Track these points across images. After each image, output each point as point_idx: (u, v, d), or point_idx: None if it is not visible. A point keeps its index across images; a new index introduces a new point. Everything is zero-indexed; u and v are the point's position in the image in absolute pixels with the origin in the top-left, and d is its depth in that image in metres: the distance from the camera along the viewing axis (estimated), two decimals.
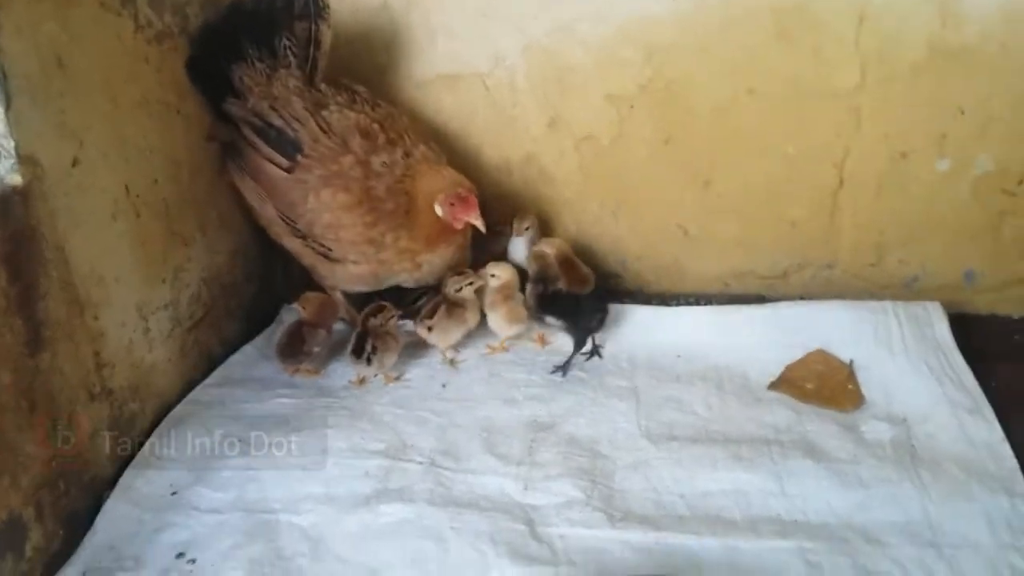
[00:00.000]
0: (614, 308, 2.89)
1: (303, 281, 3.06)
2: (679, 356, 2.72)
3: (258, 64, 2.72)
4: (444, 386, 2.67)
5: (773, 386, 2.51)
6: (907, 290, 3.02)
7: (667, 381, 2.61)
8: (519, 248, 3.06)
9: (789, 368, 2.55)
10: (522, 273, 2.88)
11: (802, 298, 3.06)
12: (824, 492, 2.13)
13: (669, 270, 3.15)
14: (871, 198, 2.93)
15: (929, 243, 2.96)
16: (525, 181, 3.12)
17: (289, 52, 2.70)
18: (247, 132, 2.68)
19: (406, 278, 2.84)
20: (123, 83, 2.33)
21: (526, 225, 3.05)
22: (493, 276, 2.82)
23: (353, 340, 2.68)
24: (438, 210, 2.62)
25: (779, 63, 2.80)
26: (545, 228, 3.20)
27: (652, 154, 2.96)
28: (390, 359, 2.70)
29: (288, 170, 2.63)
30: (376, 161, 2.66)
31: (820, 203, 2.93)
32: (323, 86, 2.73)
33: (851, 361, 2.58)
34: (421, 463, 2.32)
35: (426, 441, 2.42)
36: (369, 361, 2.65)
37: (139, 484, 2.23)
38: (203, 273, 2.74)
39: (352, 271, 2.78)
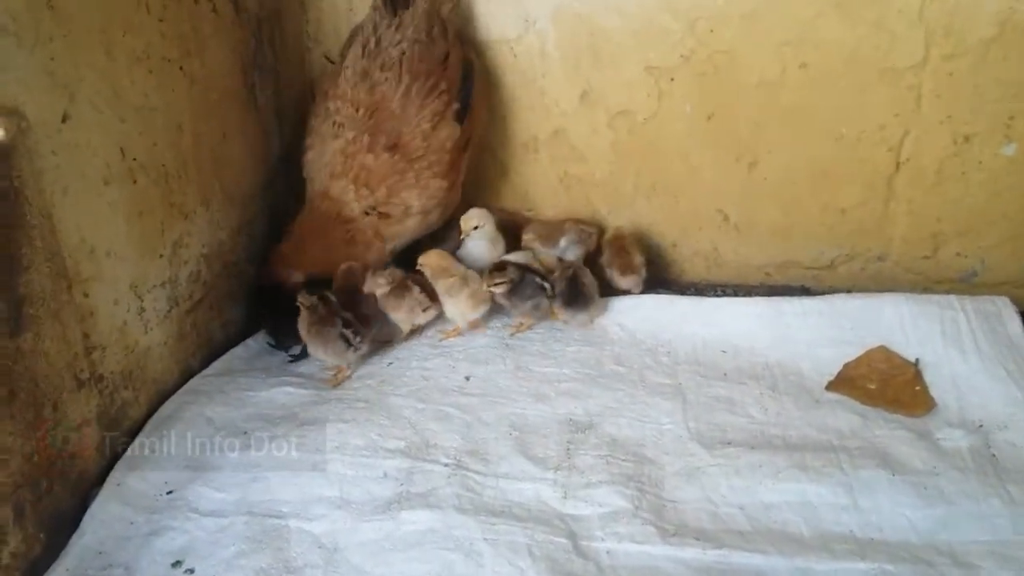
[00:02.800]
0: (650, 297, 2.70)
1: None
2: (724, 352, 2.50)
3: None
4: (467, 379, 2.44)
5: (832, 386, 2.31)
6: (964, 285, 2.82)
7: (714, 379, 2.39)
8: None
9: (848, 367, 2.35)
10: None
11: (849, 291, 2.83)
12: (902, 507, 1.91)
13: (707, 258, 2.98)
14: (929, 185, 2.72)
15: (990, 235, 2.76)
16: (552, 159, 2.94)
17: None
18: None
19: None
20: (120, 33, 2.09)
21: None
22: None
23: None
24: None
25: (835, 35, 2.59)
26: (574, 210, 3.00)
27: (692, 132, 2.78)
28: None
29: None
30: None
31: (874, 189, 2.74)
32: None
33: (917, 360, 2.35)
34: (447, 464, 2.10)
35: (451, 440, 2.19)
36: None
37: (131, 482, 2.02)
38: (204, 249, 2.50)
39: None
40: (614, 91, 2.78)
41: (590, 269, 2.69)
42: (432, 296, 2.57)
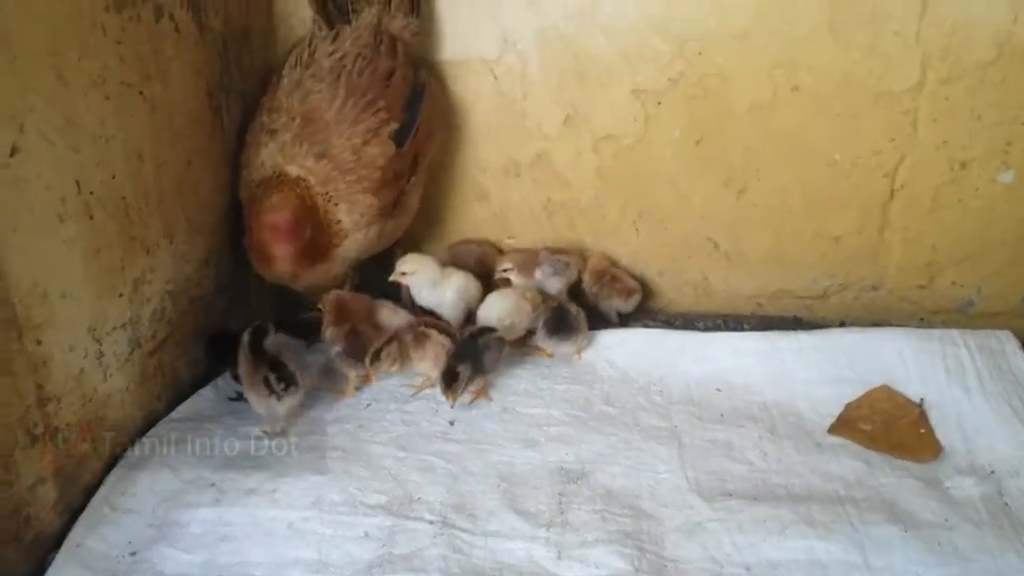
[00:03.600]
0: (638, 331, 2.60)
1: (278, 293, 2.75)
2: (719, 390, 2.39)
3: None
4: (451, 423, 2.30)
5: (834, 429, 2.21)
6: (960, 315, 2.74)
7: (710, 421, 2.27)
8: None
9: (850, 407, 2.25)
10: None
11: (843, 322, 2.79)
12: (915, 565, 1.80)
13: (696, 288, 2.87)
14: (925, 212, 2.64)
15: (987, 263, 2.68)
16: (535, 184, 2.81)
17: None
18: None
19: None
20: (74, 56, 1.92)
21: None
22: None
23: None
24: None
25: (829, 58, 2.50)
26: (559, 238, 2.88)
27: (681, 157, 2.67)
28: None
29: None
30: None
31: (868, 216, 2.66)
32: None
33: (922, 400, 2.25)
34: (432, 522, 1.95)
35: (435, 493, 2.05)
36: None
37: (91, 542, 1.88)
38: (168, 285, 2.34)
39: None
40: (599, 114, 2.67)
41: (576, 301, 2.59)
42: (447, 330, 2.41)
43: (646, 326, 2.67)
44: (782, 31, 2.49)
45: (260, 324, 2.30)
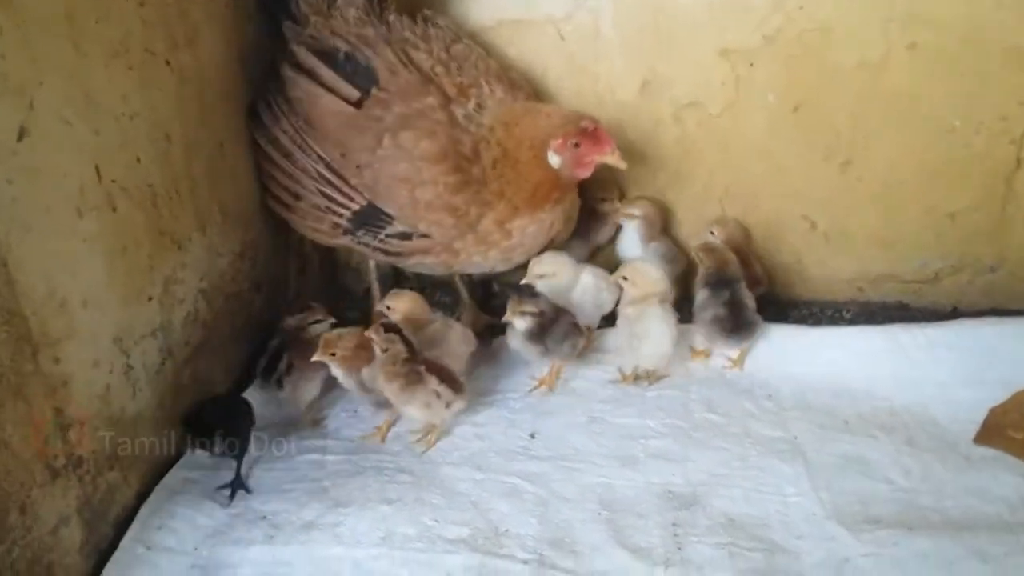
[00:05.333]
0: None
1: (321, 286, 2.57)
2: (838, 395, 2.11)
3: None
4: (532, 436, 2.03)
5: (981, 438, 1.95)
6: None
7: (834, 431, 1.99)
8: (631, 239, 2.45)
9: (995, 413, 1.98)
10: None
11: (955, 308, 2.52)
12: None
13: (788, 272, 2.59)
14: None
15: None
16: None
17: None
18: (303, 55, 2.19)
19: (479, 261, 2.22)
20: (91, 21, 1.66)
21: (635, 211, 2.45)
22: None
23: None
24: (552, 160, 2.09)
25: (951, 10, 2.21)
26: None
27: (776, 125, 2.41)
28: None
29: (358, 104, 2.12)
30: (458, 111, 2.13)
31: (989, 189, 2.38)
32: (392, 17, 2.27)
33: None
34: (526, 561, 1.69)
35: (526, 524, 1.78)
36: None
37: None
38: (202, 283, 2.08)
39: (412, 262, 2.24)
40: (682, 78, 2.41)
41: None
42: (456, 387, 2.03)
43: None
44: None
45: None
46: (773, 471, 1.87)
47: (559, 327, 2.13)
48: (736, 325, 2.18)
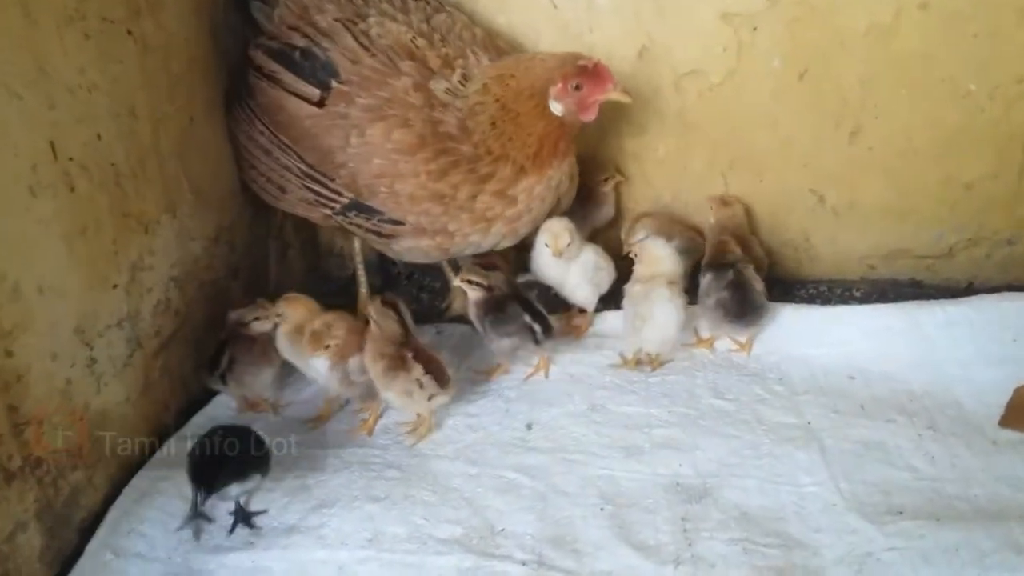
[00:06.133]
0: None
1: (303, 273, 2.47)
2: (852, 377, 2.00)
3: None
4: (529, 427, 1.90)
5: (1007, 421, 1.84)
6: None
7: (850, 415, 1.88)
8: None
9: (1020, 393, 1.88)
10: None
11: (971, 284, 2.42)
12: None
13: (796, 249, 2.49)
14: None
15: None
16: (603, 132, 2.39)
17: None
18: (262, 59, 2.09)
19: (478, 241, 2.08)
20: None
21: (640, 235, 2.28)
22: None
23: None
24: (555, 107, 1.97)
25: None
26: (631, 194, 2.49)
27: (781, 93, 2.30)
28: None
29: (320, 103, 2.01)
30: (438, 87, 1.98)
31: (1007, 158, 2.29)
32: None
33: None
34: (524, 562, 1.57)
35: (523, 522, 1.66)
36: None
37: None
38: (172, 270, 1.95)
39: (407, 245, 2.08)
40: (682, 45, 2.29)
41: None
42: (442, 380, 1.90)
43: None
44: None
45: None
46: (787, 459, 1.76)
47: (504, 317, 2.00)
48: (742, 310, 2.05)
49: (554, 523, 1.64)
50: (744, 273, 2.07)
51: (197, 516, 1.66)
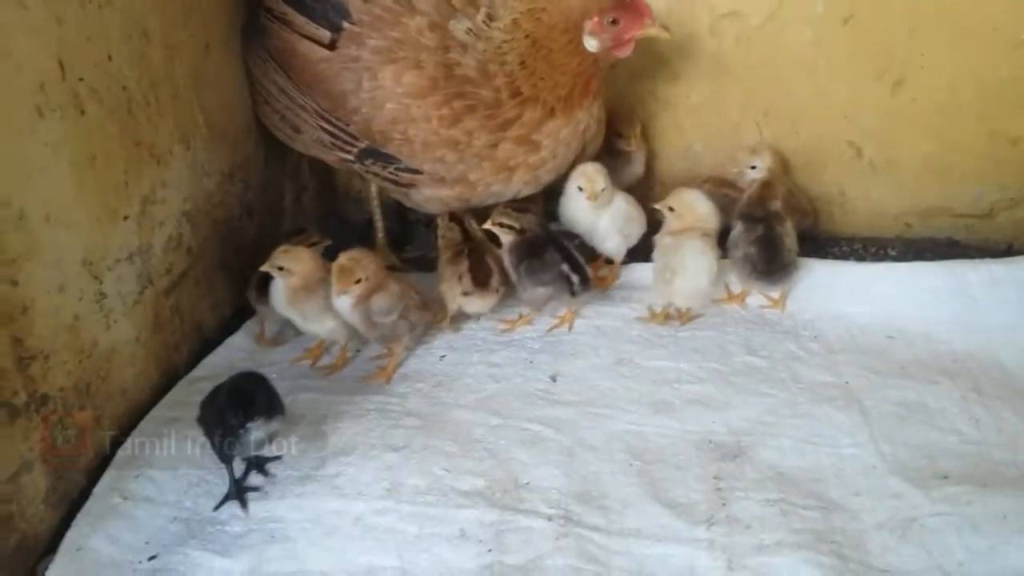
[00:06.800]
0: None
1: (319, 216, 2.39)
2: (891, 337, 1.92)
3: None
4: (554, 379, 1.83)
5: None
6: None
7: (891, 376, 1.80)
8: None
9: None
10: None
11: (1011, 246, 2.32)
12: None
13: (829, 203, 2.40)
14: None
15: None
16: (634, 76, 2.32)
17: None
18: (272, 1, 2.01)
19: (500, 190, 2.00)
20: None
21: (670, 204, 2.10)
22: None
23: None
24: (589, 43, 1.87)
25: None
26: (662, 142, 2.40)
27: (823, 40, 2.21)
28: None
29: (332, 45, 1.93)
30: (459, 27, 1.88)
31: None
32: None
33: None
34: (550, 518, 1.49)
35: (549, 476, 1.58)
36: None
37: (97, 543, 1.46)
38: (185, 204, 1.87)
39: (426, 194, 2.01)
40: None
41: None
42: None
43: None
44: None
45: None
46: (826, 420, 1.68)
47: (541, 264, 1.92)
48: (769, 267, 1.96)
49: (581, 478, 1.56)
50: (776, 229, 1.97)
51: (240, 488, 1.57)
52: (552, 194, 2.12)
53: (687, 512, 1.49)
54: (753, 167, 2.17)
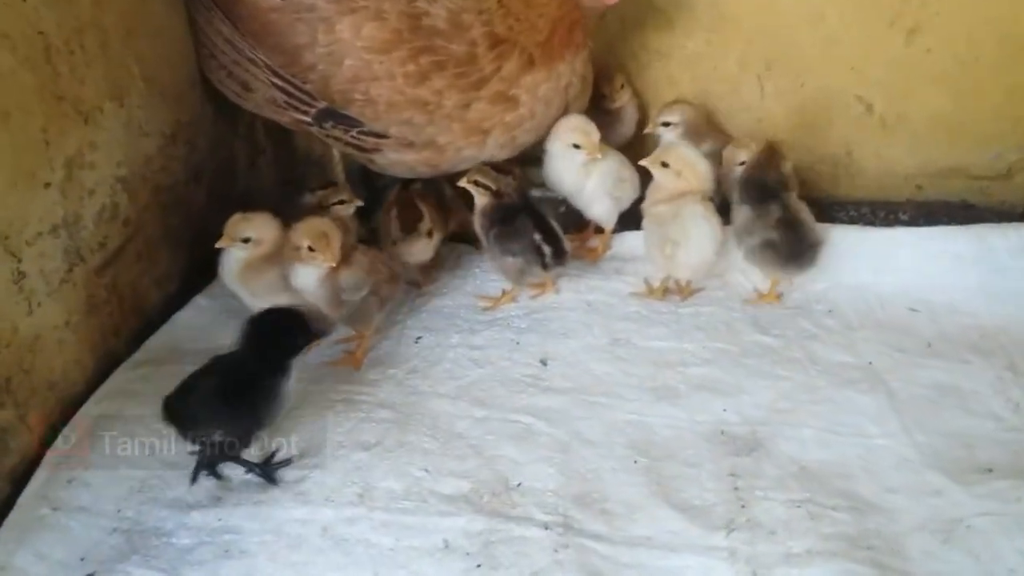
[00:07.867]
0: None
1: (276, 180, 2.17)
2: (914, 310, 1.76)
3: None
4: (544, 362, 1.65)
5: None
6: None
7: (916, 355, 1.65)
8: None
9: None
10: None
11: None
12: None
13: (836, 164, 2.24)
14: None
15: None
16: (624, 24, 2.16)
17: None
18: None
19: (473, 155, 1.82)
20: None
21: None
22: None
23: None
24: None
25: None
26: (655, 95, 2.20)
27: None
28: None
29: None
30: None
31: None
32: None
33: None
34: (547, 525, 1.32)
35: (543, 475, 1.42)
36: None
37: (21, 562, 1.30)
38: (120, 170, 1.65)
39: (391, 158, 1.82)
40: None
41: None
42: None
43: None
44: None
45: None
46: (850, 406, 1.53)
47: (511, 231, 1.75)
48: (796, 250, 1.75)
49: (579, 478, 1.40)
50: (792, 206, 1.77)
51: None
52: (527, 160, 1.93)
53: (702, 516, 1.32)
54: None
